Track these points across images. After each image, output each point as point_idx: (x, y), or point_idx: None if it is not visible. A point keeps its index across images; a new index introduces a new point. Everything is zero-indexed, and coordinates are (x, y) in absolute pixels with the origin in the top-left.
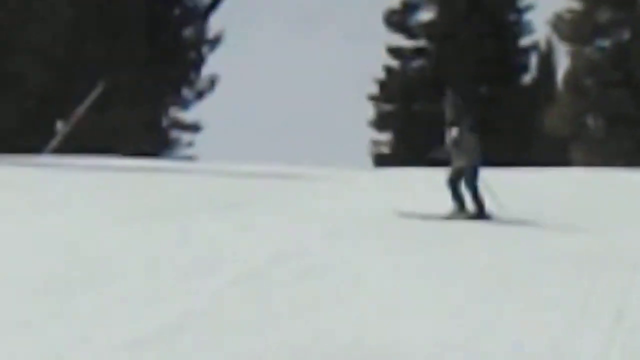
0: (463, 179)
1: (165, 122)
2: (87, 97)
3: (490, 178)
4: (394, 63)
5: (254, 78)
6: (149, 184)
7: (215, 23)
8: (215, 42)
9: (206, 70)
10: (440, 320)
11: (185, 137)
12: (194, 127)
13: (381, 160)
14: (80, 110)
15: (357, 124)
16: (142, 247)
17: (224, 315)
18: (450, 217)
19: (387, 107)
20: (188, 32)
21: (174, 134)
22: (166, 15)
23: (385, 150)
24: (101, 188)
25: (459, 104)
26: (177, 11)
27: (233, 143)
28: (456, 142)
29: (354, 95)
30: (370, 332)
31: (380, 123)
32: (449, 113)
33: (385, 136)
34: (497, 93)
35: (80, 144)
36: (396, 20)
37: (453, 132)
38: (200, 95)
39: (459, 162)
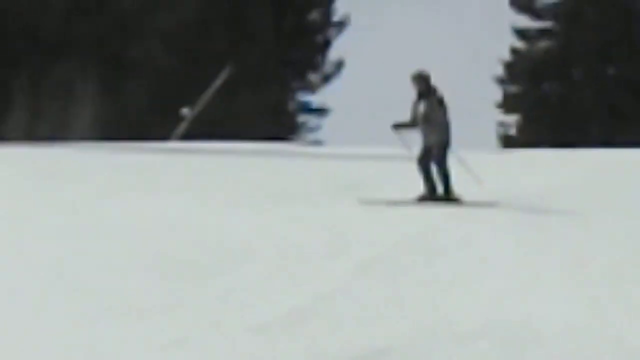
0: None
1: (291, 106)
2: (213, 82)
3: (616, 159)
4: (520, 44)
5: (380, 61)
6: (276, 168)
7: (341, 6)
8: (341, 25)
9: (332, 54)
10: (572, 300)
11: (312, 120)
12: (321, 111)
13: (509, 142)
14: (207, 95)
15: (484, 105)
16: (270, 231)
17: (354, 299)
18: (420, 200)
19: (513, 88)
20: (314, 15)
21: (301, 118)
22: None
23: (513, 132)
24: (228, 172)
25: (426, 75)
26: None
27: (360, 126)
28: (426, 117)
29: (480, 76)
30: (502, 312)
31: (506, 105)
32: (417, 85)
33: (513, 118)
34: (624, 74)
35: (207, 129)
36: (522, 1)
37: (422, 106)
38: (326, 79)
39: (429, 139)
